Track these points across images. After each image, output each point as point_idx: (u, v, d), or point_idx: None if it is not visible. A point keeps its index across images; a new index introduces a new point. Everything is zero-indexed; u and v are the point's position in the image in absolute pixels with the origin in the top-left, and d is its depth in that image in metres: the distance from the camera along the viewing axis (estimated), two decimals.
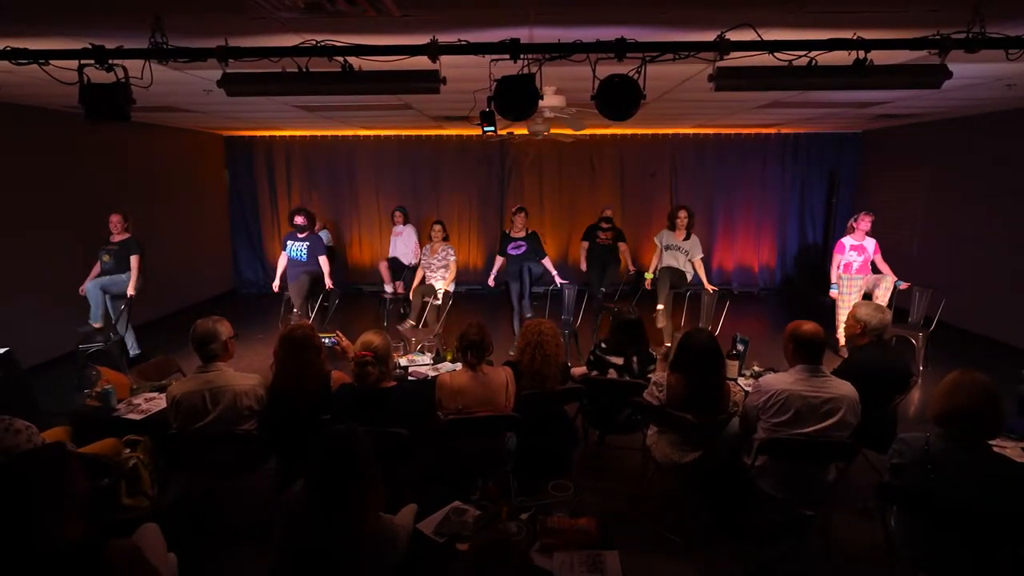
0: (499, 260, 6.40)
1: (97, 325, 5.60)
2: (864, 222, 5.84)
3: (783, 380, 2.82)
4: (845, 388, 2.76)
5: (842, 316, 5.80)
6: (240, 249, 9.72)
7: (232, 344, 3.05)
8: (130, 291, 5.68)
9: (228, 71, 3.13)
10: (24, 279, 5.73)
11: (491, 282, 6.53)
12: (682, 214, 6.09)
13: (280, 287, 6.36)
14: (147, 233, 7.39)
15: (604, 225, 6.83)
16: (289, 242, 6.15)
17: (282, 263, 6.21)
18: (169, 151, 7.99)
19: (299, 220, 6.11)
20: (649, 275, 6.19)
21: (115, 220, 5.74)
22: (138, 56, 3.01)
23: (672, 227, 6.17)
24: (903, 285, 5.75)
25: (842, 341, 5.73)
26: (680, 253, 6.09)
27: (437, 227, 6.42)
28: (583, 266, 6.83)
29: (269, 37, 3.23)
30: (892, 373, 3.28)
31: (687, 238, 6.11)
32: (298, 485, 1.98)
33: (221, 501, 3.18)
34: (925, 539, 2.24)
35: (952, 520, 2.14)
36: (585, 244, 6.84)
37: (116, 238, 5.75)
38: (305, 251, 6.11)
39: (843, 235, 6.04)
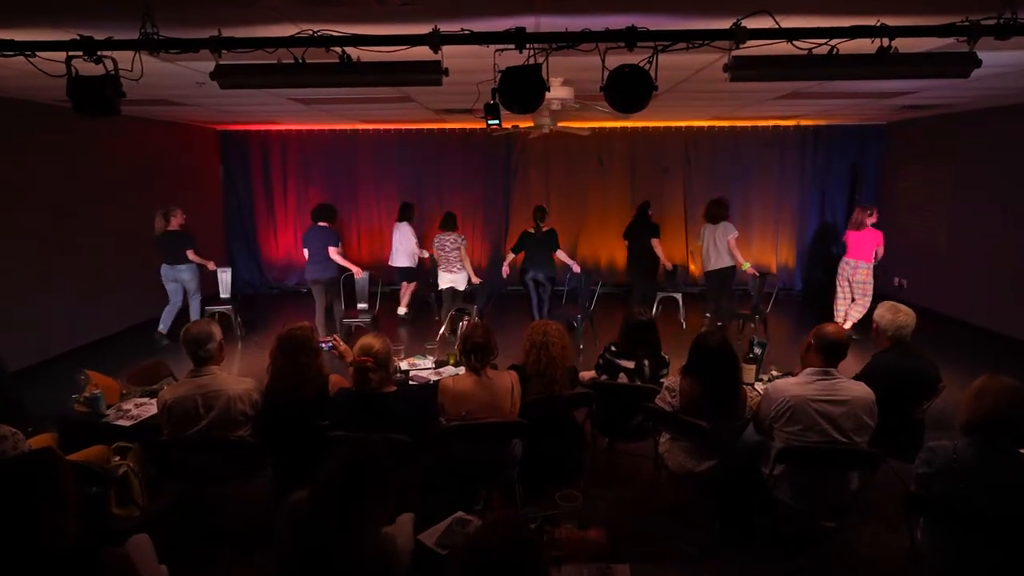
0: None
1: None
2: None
3: (791, 386, 2.81)
4: (858, 389, 2.76)
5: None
6: (235, 248, 9.77)
7: (223, 348, 3.07)
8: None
9: (221, 63, 3.15)
10: (14, 277, 5.77)
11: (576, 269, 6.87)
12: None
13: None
14: (137, 231, 7.46)
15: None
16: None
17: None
18: (161, 146, 8.03)
19: None
20: (745, 264, 6.61)
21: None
22: (128, 47, 3.03)
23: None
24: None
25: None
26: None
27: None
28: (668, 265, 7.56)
29: (264, 27, 3.24)
30: (917, 377, 3.26)
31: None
32: (303, 492, 1.99)
33: (214, 510, 3.19)
34: (954, 551, 2.23)
35: (982, 530, 2.12)
36: (656, 241, 7.28)
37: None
38: None
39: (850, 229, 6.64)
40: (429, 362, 4.15)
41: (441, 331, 6.62)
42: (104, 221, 6.86)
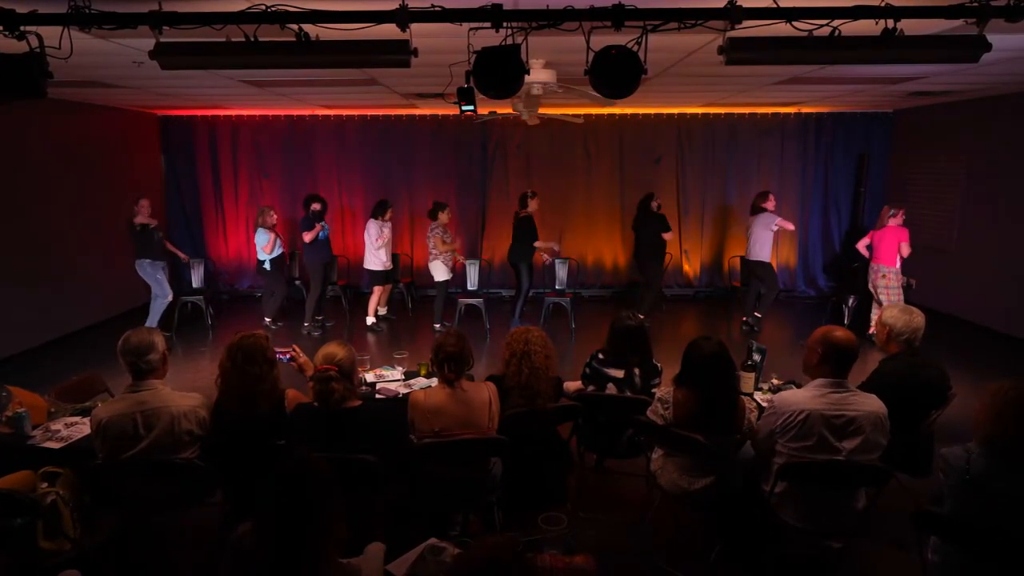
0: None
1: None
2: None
3: (801, 397, 2.85)
4: (871, 404, 2.81)
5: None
6: (179, 248, 9.59)
7: (167, 360, 3.03)
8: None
9: (163, 40, 3.10)
10: None
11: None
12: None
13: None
14: (66, 230, 7.31)
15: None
16: (317, 225, 7.42)
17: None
18: (93, 134, 7.88)
19: (318, 207, 7.48)
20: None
21: (146, 204, 7.18)
22: (55, 22, 2.98)
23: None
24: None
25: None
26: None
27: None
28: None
29: (211, 1, 3.21)
30: (927, 386, 3.33)
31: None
32: (248, 523, 1.97)
33: (156, 543, 3.14)
34: (968, 573, 2.28)
35: (998, 551, 2.17)
36: (669, 235, 7.82)
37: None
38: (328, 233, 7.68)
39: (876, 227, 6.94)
40: (398, 373, 4.13)
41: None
42: (26, 216, 6.71)
